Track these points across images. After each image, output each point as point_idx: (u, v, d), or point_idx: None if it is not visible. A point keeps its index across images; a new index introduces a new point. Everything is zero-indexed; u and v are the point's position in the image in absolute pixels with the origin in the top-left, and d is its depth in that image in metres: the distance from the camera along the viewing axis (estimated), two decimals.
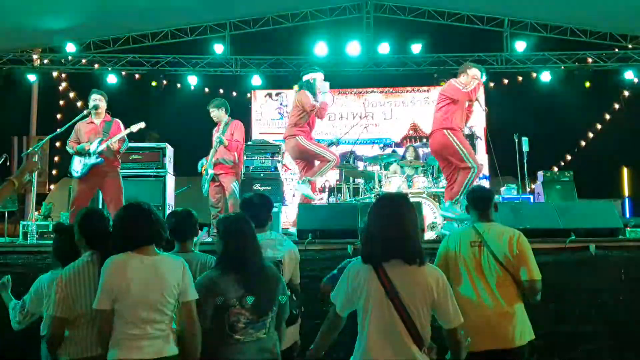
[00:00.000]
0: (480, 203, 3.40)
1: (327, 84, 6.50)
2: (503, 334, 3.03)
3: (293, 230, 5.61)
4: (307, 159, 6.52)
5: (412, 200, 7.19)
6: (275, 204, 4.24)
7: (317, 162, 6.48)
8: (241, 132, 6.77)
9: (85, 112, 6.01)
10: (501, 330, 3.03)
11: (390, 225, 2.45)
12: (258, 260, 2.77)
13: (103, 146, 5.75)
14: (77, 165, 5.80)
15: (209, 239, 5.90)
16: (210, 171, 6.59)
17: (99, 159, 5.72)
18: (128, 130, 6.03)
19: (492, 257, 3.17)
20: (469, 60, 10.60)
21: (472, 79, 5.77)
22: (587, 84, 11.09)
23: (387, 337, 2.37)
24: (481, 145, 10.18)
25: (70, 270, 2.80)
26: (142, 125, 6.11)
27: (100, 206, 6.18)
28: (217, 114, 6.76)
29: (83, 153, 5.77)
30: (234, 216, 3.00)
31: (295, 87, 6.80)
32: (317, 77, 6.43)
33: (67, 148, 5.96)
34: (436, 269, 2.54)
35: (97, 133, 5.86)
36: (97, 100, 5.97)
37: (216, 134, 6.70)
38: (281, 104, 11.61)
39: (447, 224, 6.06)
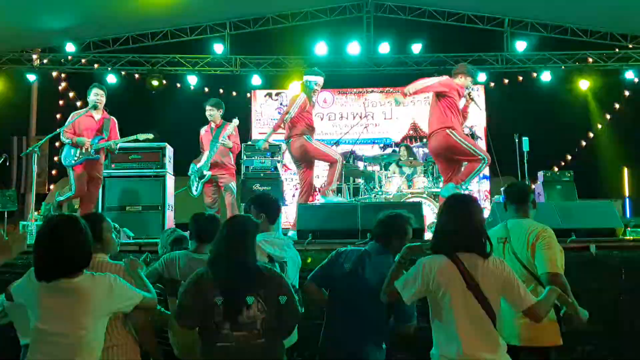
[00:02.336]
0: (514, 197, 3.31)
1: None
2: (524, 333, 2.98)
3: (292, 232, 5.61)
4: (310, 161, 6.46)
5: (412, 200, 7.22)
6: None
7: (317, 164, 6.49)
8: (237, 134, 6.82)
9: (85, 108, 6.13)
10: (523, 329, 2.97)
11: (464, 221, 2.59)
12: (248, 262, 2.71)
13: (104, 144, 5.99)
14: (71, 156, 5.99)
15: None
16: (207, 172, 6.59)
17: (96, 155, 5.99)
18: (133, 137, 6.12)
19: (513, 255, 3.09)
20: (469, 61, 10.65)
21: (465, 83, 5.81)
22: (587, 83, 11.09)
23: (475, 326, 2.47)
24: (481, 145, 10.17)
25: None
26: (149, 136, 6.26)
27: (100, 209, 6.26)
28: (215, 114, 6.77)
29: (81, 147, 5.90)
30: (232, 217, 3.02)
31: (292, 85, 6.82)
32: (318, 81, 6.44)
33: (62, 137, 6.03)
34: (500, 259, 2.63)
35: (96, 129, 6.00)
36: (99, 95, 6.09)
37: (207, 135, 6.71)
38: (281, 104, 11.61)
39: None
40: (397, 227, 3.10)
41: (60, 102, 11.55)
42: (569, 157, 11.95)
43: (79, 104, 11.24)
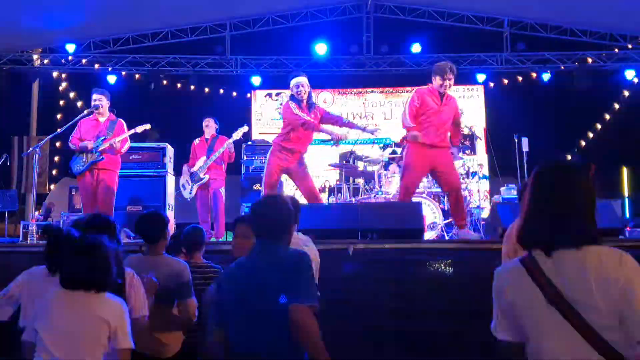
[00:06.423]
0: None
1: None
2: None
3: None
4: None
5: (412, 199, 7.21)
6: None
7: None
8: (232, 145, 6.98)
9: (86, 111, 6.04)
10: None
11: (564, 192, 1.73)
12: None
13: (106, 144, 5.76)
14: (79, 163, 5.81)
15: None
16: (203, 176, 6.63)
17: (101, 157, 5.73)
18: (132, 131, 6.04)
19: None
20: (468, 61, 10.65)
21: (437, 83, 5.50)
22: (587, 83, 11.10)
23: None
24: (481, 145, 10.19)
25: None
26: (147, 126, 6.19)
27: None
28: (213, 127, 6.90)
29: (85, 151, 5.76)
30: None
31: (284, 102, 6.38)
32: (300, 82, 5.77)
33: (70, 144, 5.92)
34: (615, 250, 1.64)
35: (100, 131, 5.89)
36: (97, 100, 5.97)
37: (202, 144, 6.81)
38: (281, 104, 11.61)
39: None
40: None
41: (61, 102, 11.56)
42: (569, 157, 11.96)
43: (79, 104, 11.27)
